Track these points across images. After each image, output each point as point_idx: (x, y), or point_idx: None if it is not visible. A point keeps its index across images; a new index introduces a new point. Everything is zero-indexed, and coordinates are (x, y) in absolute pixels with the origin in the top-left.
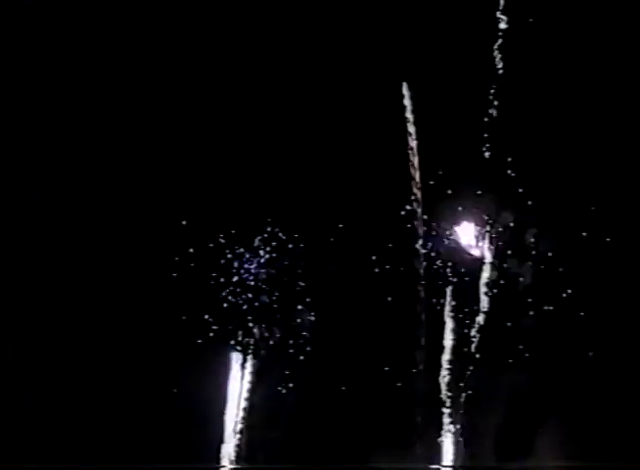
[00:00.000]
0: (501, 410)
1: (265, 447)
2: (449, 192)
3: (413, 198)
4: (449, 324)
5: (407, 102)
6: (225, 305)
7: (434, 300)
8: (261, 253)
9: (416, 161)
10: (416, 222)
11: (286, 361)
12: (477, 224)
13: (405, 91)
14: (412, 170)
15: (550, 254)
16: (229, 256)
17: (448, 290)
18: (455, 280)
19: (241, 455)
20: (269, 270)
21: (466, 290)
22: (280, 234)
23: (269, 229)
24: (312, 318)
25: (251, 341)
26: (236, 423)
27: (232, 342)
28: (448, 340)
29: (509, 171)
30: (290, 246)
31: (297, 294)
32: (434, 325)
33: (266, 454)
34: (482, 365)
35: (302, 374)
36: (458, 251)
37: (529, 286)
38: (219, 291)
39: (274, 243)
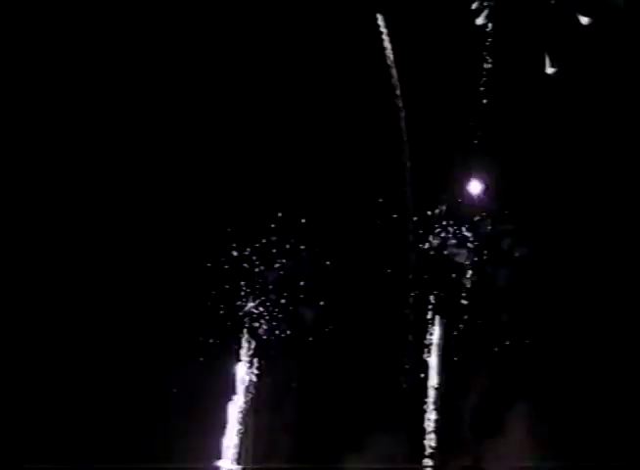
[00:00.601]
0: (477, 398)
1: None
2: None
3: (404, 204)
4: (435, 323)
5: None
6: (226, 306)
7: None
8: (261, 253)
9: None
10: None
11: (288, 357)
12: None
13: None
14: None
15: (525, 259)
16: (231, 257)
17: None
18: (441, 283)
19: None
20: (270, 270)
21: (450, 291)
22: (280, 236)
23: (270, 230)
24: (312, 315)
25: (253, 339)
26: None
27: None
28: (433, 338)
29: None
30: (289, 246)
31: (297, 293)
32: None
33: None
34: (461, 361)
35: (302, 367)
36: (444, 255)
37: (505, 288)
38: (222, 293)
39: (275, 245)
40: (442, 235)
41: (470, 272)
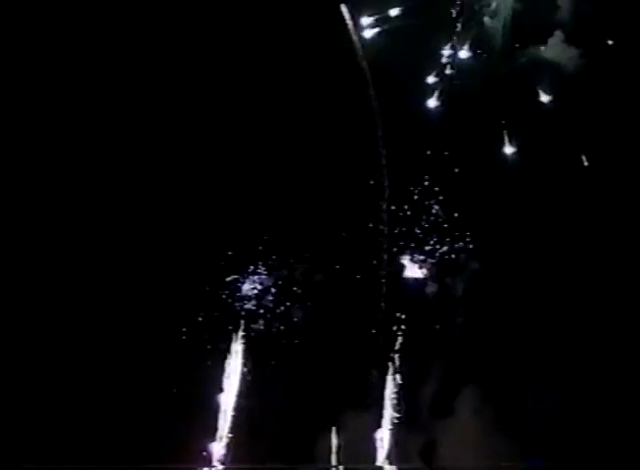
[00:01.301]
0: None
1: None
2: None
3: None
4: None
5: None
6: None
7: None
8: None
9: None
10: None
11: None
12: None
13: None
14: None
15: (477, 272)
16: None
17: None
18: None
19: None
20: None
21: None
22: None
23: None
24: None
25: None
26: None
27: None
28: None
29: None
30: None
31: (285, 298)
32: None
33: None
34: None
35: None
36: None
37: (459, 296)
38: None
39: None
40: (409, 250)
41: (431, 282)
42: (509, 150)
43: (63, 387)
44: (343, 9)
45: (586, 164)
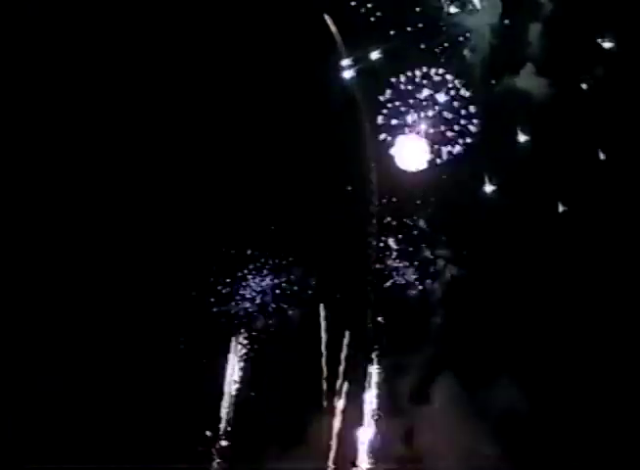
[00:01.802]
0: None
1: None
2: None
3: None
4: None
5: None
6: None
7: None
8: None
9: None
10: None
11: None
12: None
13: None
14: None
15: (455, 277)
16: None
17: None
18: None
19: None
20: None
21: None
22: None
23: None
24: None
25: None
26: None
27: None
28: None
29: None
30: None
31: (274, 299)
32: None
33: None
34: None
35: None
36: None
37: (439, 298)
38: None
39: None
40: (392, 256)
41: (412, 286)
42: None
43: (63, 387)
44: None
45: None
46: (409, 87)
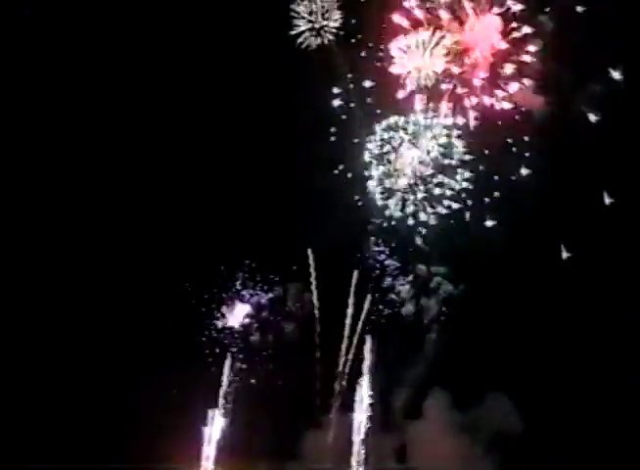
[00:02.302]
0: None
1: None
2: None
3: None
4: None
5: None
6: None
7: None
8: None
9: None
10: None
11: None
12: None
13: None
14: None
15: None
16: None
17: None
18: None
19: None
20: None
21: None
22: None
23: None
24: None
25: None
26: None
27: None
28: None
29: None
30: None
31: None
32: None
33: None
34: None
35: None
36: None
37: (433, 316)
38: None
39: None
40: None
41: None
42: None
43: (63, 389)
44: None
45: None
46: None
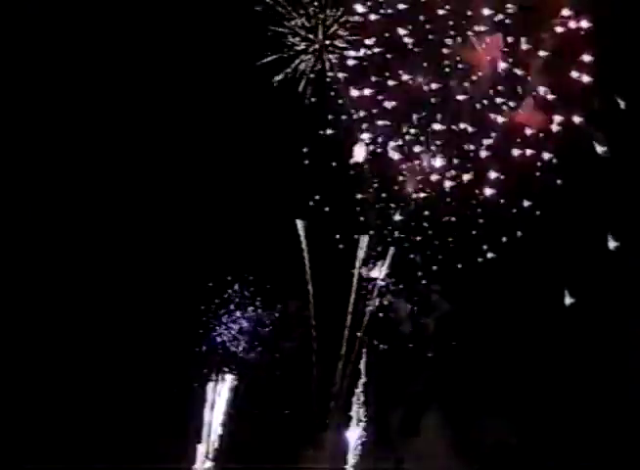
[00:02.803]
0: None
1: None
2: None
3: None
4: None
5: None
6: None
7: None
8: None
9: None
10: None
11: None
12: None
13: None
14: None
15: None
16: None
17: None
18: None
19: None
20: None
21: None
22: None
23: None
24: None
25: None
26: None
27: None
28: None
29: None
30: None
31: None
32: None
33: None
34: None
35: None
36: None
37: (432, 332)
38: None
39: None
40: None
41: (407, 320)
42: None
43: (63, 389)
44: None
45: None
46: None
